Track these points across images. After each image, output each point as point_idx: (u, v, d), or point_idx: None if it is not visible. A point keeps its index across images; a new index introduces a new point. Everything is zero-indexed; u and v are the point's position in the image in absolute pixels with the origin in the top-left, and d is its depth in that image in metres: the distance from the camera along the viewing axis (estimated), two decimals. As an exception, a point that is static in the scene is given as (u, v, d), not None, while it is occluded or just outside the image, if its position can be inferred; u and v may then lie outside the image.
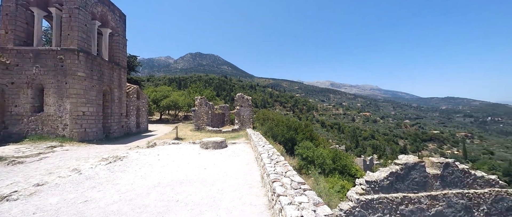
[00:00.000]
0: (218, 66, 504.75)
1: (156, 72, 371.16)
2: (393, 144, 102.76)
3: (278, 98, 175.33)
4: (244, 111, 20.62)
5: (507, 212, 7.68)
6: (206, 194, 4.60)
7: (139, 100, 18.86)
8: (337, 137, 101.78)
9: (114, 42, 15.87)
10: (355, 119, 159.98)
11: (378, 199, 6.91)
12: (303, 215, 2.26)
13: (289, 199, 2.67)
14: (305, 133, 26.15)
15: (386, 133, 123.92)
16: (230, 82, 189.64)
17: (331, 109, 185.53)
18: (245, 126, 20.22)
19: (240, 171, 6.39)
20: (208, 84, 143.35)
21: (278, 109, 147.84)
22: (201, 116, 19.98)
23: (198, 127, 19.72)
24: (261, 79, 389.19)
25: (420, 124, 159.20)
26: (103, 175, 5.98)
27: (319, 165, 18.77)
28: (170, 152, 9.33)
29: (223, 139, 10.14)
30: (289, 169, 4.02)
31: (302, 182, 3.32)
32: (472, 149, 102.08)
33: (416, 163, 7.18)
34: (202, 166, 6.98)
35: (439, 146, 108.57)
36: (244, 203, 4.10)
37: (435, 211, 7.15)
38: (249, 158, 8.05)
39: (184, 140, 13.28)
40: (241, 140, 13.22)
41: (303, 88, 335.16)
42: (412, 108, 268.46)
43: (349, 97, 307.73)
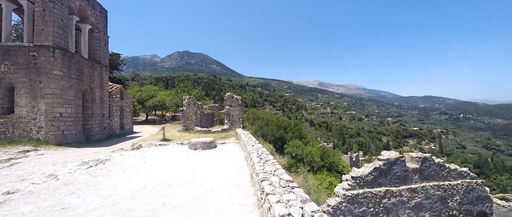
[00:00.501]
0: (207, 65, 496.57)
1: (141, 71, 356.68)
2: (377, 141, 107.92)
3: (268, 98, 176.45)
4: (233, 110, 20.50)
5: (477, 201, 8.40)
6: (195, 195, 4.51)
7: (123, 100, 18.02)
8: (325, 135, 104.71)
9: (94, 39, 14.99)
10: (342, 118, 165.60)
11: (363, 193, 7.23)
12: (291, 212, 2.30)
13: (277, 197, 2.70)
14: (294, 132, 26.61)
15: (370, 131, 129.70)
16: (220, 82, 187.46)
17: (319, 108, 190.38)
18: (235, 126, 20.12)
19: (230, 171, 6.35)
20: (197, 83, 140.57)
21: (268, 109, 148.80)
22: (190, 116, 19.55)
23: (187, 128, 19.28)
24: (251, 79, 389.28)
25: (401, 122, 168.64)
26: (83, 180, 5.64)
27: (308, 163, 19.22)
28: (157, 154, 9.03)
29: (212, 140, 10.01)
30: (278, 168, 4.07)
31: (290, 180, 3.38)
32: (447, 144, 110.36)
33: (398, 158, 7.60)
34: (191, 167, 6.83)
35: (418, 142, 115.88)
36: (233, 203, 4.09)
37: (415, 203, 7.64)
38: (239, 158, 8.02)
39: (172, 141, 12.92)
40: (230, 140, 13.13)
41: (292, 88, 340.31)
42: (394, 106, 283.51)
43: (336, 96, 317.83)
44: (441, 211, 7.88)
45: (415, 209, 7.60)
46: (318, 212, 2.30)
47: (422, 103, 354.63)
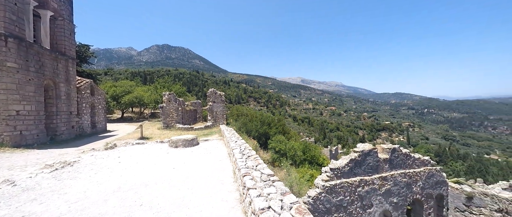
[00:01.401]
0: (189, 60, 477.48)
1: (115, 65, 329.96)
2: (354, 134, 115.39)
3: (252, 94, 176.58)
4: (217, 107, 20.14)
5: (436, 185, 9.49)
6: (175, 194, 4.38)
7: (94, 96, 16.54)
8: (307, 130, 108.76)
9: (57, 28, 13.37)
10: (323, 113, 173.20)
11: (340, 184, 7.71)
12: (271, 205, 2.35)
13: (258, 192, 2.74)
14: (278, 127, 27.15)
15: (348, 125, 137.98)
16: (202, 77, 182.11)
17: (302, 104, 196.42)
18: (218, 122, 19.82)
19: (212, 168, 6.27)
20: (178, 79, 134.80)
21: (252, 105, 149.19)
22: (170, 113, 18.72)
23: (167, 125, 18.47)
24: (235, 75, 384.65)
25: (375, 116, 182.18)
26: (46, 184, 5.10)
27: (290, 157, 19.83)
28: (134, 153, 8.52)
29: (194, 137, 9.74)
30: (259, 163, 4.12)
31: (271, 174, 3.45)
32: (413, 136, 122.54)
33: (371, 150, 8.22)
34: (171, 166, 6.59)
35: (390, 135, 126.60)
36: (215, 200, 4.05)
37: (385, 189, 8.37)
38: (222, 155, 7.95)
39: (151, 139, 12.28)
40: (214, 137, 12.93)
41: (276, 84, 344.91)
42: (369, 102, 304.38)
43: (318, 92, 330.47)
44: (407, 195, 8.78)
45: (385, 195, 8.34)
46: (297, 203, 2.39)
47: (393, 99, 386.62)
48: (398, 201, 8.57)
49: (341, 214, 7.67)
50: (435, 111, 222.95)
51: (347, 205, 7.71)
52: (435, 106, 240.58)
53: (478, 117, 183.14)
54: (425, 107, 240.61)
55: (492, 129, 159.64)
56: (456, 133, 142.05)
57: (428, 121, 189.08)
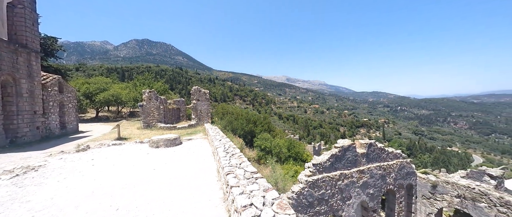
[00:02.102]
0: (172, 57, 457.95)
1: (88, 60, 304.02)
2: (336, 131, 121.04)
3: (238, 92, 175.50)
4: (201, 105, 19.65)
5: (407, 176, 10.36)
6: (156, 196, 4.20)
7: (63, 94, 15.09)
8: (292, 127, 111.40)
9: (17, 17, 11.87)
10: (307, 111, 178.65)
11: (322, 178, 8.04)
12: (253, 202, 2.37)
13: (241, 189, 2.74)
14: (264, 125, 27.41)
15: (331, 122, 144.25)
16: (186, 75, 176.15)
17: (287, 102, 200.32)
18: (203, 121, 19.38)
19: (196, 167, 6.12)
20: (160, 76, 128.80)
21: (238, 103, 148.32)
22: (151, 112, 17.84)
23: (148, 125, 17.58)
24: (220, 73, 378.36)
25: (355, 114, 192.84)
26: (5, 192, 4.55)
27: (276, 154, 20.18)
28: (110, 154, 7.98)
29: (177, 136, 9.41)
30: (243, 161, 4.12)
31: (255, 171, 3.47)
32: (388, 131, 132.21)
33: (350, 145, 8.68)
34: (151, 167, 6.30)
35: (368, 131, 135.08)
36: (199, 200, 3.98)
37: (362, 182, 8.93)
38: (206, 154, 7.80)
39: (129, 139, 11.59)
40: (198, 136, 12.62)
41: (262, 82, 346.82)
42: (349, 100, 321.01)
43: (302, 91, 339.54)
44: (382, 186, 9.47)
45: (363, 187, 8.91)
46: (278, 199, 2.44)
47: (371, 97, 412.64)
48: (374, 192, 9.21)
49: (323, 207, 8.02)
50: (407, 108, 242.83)
51: (328, 198, 8.09)
52: (407, 104, 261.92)
53: (442, 114, 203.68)
54: (398, 105, 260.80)
55: (453, 124, 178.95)
56: (424, 128, 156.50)
57: (401, 117, 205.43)
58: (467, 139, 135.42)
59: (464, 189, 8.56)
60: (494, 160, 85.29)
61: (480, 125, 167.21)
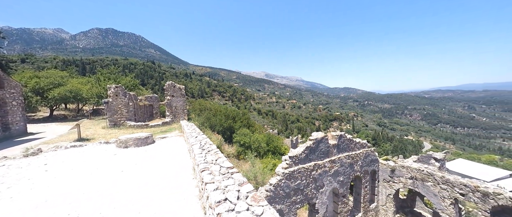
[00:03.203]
0: (142, 49, 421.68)
1: (37, 50, 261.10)
2: (312, 125, 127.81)
3: (217, 88, 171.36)
4: (176, 101, 18.65)
5: (371, 163, 11.52)
6: (124, 200, 3.88)
7: (3, 89, 12.72)
8: (271, 122, 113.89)
9: None
10: (285, 106, 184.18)
11: (298, 169, 8.45)
12: (227, 197, 2.36)
13: (216, 185, 2.71)
14: (243, 121, 27.42)
15: (307, 116, 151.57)
16: (159, 69, 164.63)
17: (266, 98, 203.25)
18: (178, 118, 18.46)
19: (170, 166, 5.83)
20: (129, 70, 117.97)
21: (216, 99, 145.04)
22: (119, 109, 16.28)
23: (115, 123, 16.04)
24: (197, 67, 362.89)
25: (328, 108, 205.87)
26: None
27: (255, 149, 20.45)
28: (68, 158, 7.08)
29: (148, 134, 8.79)
30: (220, 157, 4.07)
31: (231, 166, 3.45)
32: (357, 124, 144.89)
33: (323, 138, 9.26)
34: (119, 168, 5.79)
35: (340, 124, 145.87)
36: (173, 199, 3.81)
37: (334, 171, 9.65)
38: (181, 151, 7.48)
39: (93, 140, 10.42)
40: (173, 134, 12.00)
41: (241, 78, 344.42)
42: (324, 96, 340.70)
43: (280, 87, 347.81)
44: (350, 174, 10.39)
45: (334, 175, 9.65)
46: (252, 192, 2.47)
47: (343, 93, 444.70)
48: (344, 179, 10.07)
49: (299, 196, 8.47)
50: (372, 103, 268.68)
51: (304, 188, 8.56)
52: (372, 99, 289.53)
53: (401, 107, 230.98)
54: (365, 99, 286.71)
55: (409, 116, 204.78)
56: (386, 120, 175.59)
57: (367, 111, 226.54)
58: (420, 129, 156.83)
59: (416, 172, 9.92)
60: (439, 145, 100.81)
61: (429, 116, 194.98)
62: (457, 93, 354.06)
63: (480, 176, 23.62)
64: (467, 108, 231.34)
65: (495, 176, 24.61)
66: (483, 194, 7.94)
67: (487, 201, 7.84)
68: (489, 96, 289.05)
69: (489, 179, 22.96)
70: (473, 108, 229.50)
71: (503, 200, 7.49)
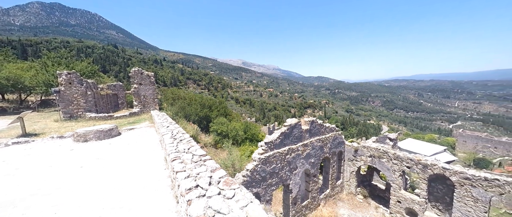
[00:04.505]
0: (101, 30, 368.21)
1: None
2: (288, 112, 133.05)
3: (191, 76, 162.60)
4: (145, 90, 17.17)
5: (338, 145, 12.68)
6: (84, 198, 3.55)
7: None
8: (249, 111, 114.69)
9: None
10: (262, 95, 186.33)
11: (273, 154, 8.83)
12: (199, 183, 2.35)
13: (187, 173, 2.65)
14: (220, 110, 26.96)
15: (283, 104, 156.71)
16: (124, 54, 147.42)
17: (244, 87, 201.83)
18: (148, 108, 17.15)
19: (139, 158, 5.48)
20: (85, 54, 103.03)
21: (191, 88, 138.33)
22: (74, 99, 14.28)
23: (71, 115, 14.12)
24: (168, 53, 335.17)
25: (303, 96, 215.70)
26: None
27: (232, 137, 20.54)
28: (10, 156, 6.05)
29: (112, 126, 8.00)
30: (192, 145, 3.96)
31: (203, 154, 3.41)
32: (328, 110, 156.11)
33: (296, 123, 9.75)
34: (77, 164, 5.20)
35: (313, 111, 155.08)
36: (143, 192, 3.62)
37: (306, 153, 10.38)
38: (152, 142, 7.06)
39: (43, 135, 9.03)
40: (143, 125, 11.17)
41: (217, 66, 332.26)
42: (299, 84, 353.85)
43: (258, 75, 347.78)
44: (320, 155, 11.33)
45: (306, 158, 10.40)
46: (225, 177, 2.50)
47: (316, 81, 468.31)
48: (315, 161, 10.95)
49: (274, 179, 8.96)
50: (342, 91, 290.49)
51: (279, 171, 9.06)
52: (342, 87, 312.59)
53: (365, 95, 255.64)
54: (336, 88, 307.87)
55: (372, 103, 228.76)
56: (353, 107, 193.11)
57: (337, 99, 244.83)
58: (380, 114, 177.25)
59: (374, 151, 11.32)
60: (395, 128, 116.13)
61: (388, 103, 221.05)
62: (410, 83, 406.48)
63: (423, 151, 28.29)
64: (417, 95, 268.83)
65: (434, 151, 29.78)
66: (423, 166, 9.56)
67: (426, 171, 9.49)
68: (434, 85, 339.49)
69: (429, 154, 27.69)
70: (422, 95, 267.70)
71: (437, 170, 9.17)
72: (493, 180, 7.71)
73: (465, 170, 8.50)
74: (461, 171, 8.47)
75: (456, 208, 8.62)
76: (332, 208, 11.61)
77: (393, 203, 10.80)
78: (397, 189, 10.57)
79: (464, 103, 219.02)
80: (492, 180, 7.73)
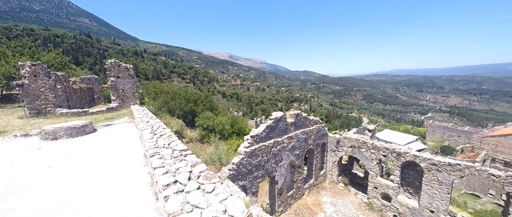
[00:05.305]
0: (71, 18, 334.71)
1: None
2: (275, 106, 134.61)
3: (175, 69, 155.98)
4: (124, 83, 16.11)
5: (322, 137, 13.17)
6: (52, 198, 3.27)
7: None
8: (236, 105, 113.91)
9: None
10: (250, 89, 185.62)
11: (259, 147, 8.91)
12: (178, 179, 2.27)
13: (165, 169, 2.56)
14: (206, 104, 26.36)
15: (270, 98, 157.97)
16: (99, 45, 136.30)
17: (231, 80, 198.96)
18: (128, 102, 16.19)
19: (117, 156, 5.18)
20: (54, 44, 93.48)
21: (176, 81, 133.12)
22: (41, 93, 12.97)
23: (39, 112, 12.86)
24: (150, 45, 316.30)
25: (290, 90, 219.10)
26: None
27: (219, 132, 20.31)
28: (-37, 157, 5.36)
29: (87, 122, 7.43)
30: (173, 140, 3.83)
31: (184, 149, 3.30)
32: (314, 104, 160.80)
33: (282, 116, 9.87)
34: (45, 164, 4.78)
35: (299, 104, 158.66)
36: (121, 190, 3.44)
37: (291, 146, 10.64)
38: (131, 138, 6.70)
39: (4, 133, 8.12)
40: (122, 120, 10.54)
41: (203, 59, 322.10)
42: (286, 78, 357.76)
43: (245, 69, 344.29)
44: (305, 147, 11.69)
45: (291, 150, 10.67)
46: (205, 171, 2.45)
47: (302, 75, 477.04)
48: (299, 152, 11.29)
49: (260, 171, 9.10)
50: (326, 85, 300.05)
51: (264, 163, 9.20)
52: (327, 81, 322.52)
53: (348, 89, 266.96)
54: (321, 82, 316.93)
55: (354, 97, 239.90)
56: (337, 101, 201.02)
57: (322, 92, 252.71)
58: (361, 107, 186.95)
59: (354, 141, 11.96)
60: (374, 120, 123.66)
61: (368, 96, 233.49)
62: (389, 77, 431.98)
63: (398, 141, 30.58)
64: (394, 89, 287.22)
65: (407, 140, 32.31)
66: (397, 154, 10.34)
67: (400, 159, 10.29)
68: (409, 80, 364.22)
69: (403, 143, 30.01)
70: (398, 89, 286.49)
71: (409, 157, 9.98)
72: (455, 165, 8.60)
73: (432, 156, 9.36)
74: (429, 158, 9.31)
75: (424, 191, 9.52)
76: (316, 197, 12.18)
77: (371, 189, 11.61)
78: (374, 176, 11.36)
79: (435, 96, 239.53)
80: (454, 165, 8.62)
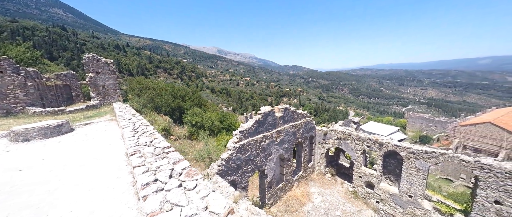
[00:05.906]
0: (42, 8, 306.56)
1: None
2: (265, 101, 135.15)
3: (161, 64, 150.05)
4: (104, 79, 15.21)
5: (310, 130, 13.48)
6: (23, 204, 3.04)
7: None
8: (225, 100, 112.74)
9: None
10: (239, 84, 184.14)
11: (248, 142, 8.93)
12: (158, 177, 2.20)
13: (146, 167, 2.46)
14: (194, 100, 25.75)
15: (260, 93, 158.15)
16: (75, 38, 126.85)
17: (220, 76, 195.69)
18: (109, 100, 15.36)
19: (96, 156, 4.90)
20: (23, 37, 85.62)
21: (162, 77, 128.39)
22: (10, 91, 11.88)
23: (8, 111, 11.81)
24: (133, 38, 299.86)
25: (279, 85, 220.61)
26: None
27: (208, 128, 20.03)
28: None
29: (62, 121, 6.94)
30: (155, 138, 3.69)
31: (167, 146, 3.20)
32: (303, 98, 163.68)
33: (270, 111, 9.92)
34: (14, 167, 4.41)
35: (289, 99, 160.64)
36: (100, 191, 3.27)
37: (280, 140, 10.78)
38: (113, 137, 6.38)
39: (-34, 136, 7.36)
40: (102, 118, 9.99)
41: (190, 53, 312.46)
42: (275, 73, 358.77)
43: (234, 64, 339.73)
44: (293, 141, 11.92)
45: (280, 143, 10.82)
46: (187, 168, 2.39)
47: (292, 70, 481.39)
48: (288, 146, 11.50)
49: (250, 166, 9.16)
50: (315, 79, 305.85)
51: (254, 158, 9.26)
52: (315, 76, 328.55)
53: (335, 83, 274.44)
54: (310, 76, 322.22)
55: (341, 90, 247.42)
56: (325, 95, 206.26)
57: (311, 87, 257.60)
58: (347, 100, 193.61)
59: (340, 133, 12.38)
60: (359, 112, 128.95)
61: (354, 90, 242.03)
62: (373, 71, 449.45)
63: (381, 132, 32.21)
64: (378, 83, 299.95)
65: (390, 131, 34.14)
66: (380, 144, 10.88)
67: (382, 149, 10.84)
68: (392, 74, 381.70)
69: (386, 134, 31.68)
70: (382, 83, 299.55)
71: (390, 147, 10.54)
72: (431, 152, 9.24)
73: (411, 145, 9.97)
74: (408, 147, 9.91)
75: (403, 178, 10.17)
76: (305, 188, 12.57)
77: (355, 178, 12.19)
78: (359, 166, 11.91)
79: (414, 89, 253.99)
80: (430, 153, 9.25)
